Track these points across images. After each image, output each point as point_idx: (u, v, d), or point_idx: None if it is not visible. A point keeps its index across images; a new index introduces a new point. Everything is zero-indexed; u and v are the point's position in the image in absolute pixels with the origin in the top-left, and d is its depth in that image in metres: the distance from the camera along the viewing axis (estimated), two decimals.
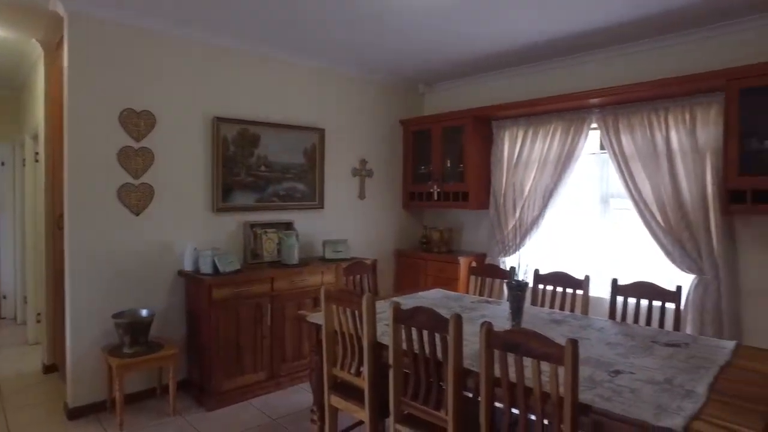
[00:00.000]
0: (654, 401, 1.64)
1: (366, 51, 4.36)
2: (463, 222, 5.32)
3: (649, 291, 2.81)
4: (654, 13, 3.37)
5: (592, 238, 4.33)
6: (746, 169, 3.21)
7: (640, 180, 3.86)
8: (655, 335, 2.44)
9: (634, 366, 1.98)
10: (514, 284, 2.44)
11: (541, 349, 1.62)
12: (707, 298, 3.51)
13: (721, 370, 1.95)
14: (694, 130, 3.61)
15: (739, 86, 3.23)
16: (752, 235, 3.47)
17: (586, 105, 4.11)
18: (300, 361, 3.96)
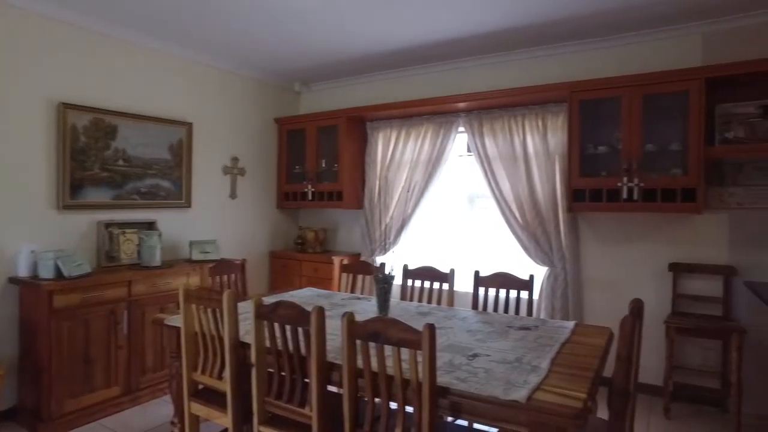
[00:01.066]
0: (505, 378, 1.74)
1: (240, 46, 4.19)
2: (338, 222, 5.32)
3: (507, 281, 3.02)
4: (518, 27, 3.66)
5: (460, 235, 4.58)
6: (585, 171, 3.62)
7: (501, 180, 4.16)
8: (511, 321, 2.62)
9: (490, 349, 2.10)
10: (380, 278, 2.47)
11: (399, 336, 1.64)
12: (557, 287, 3.89)
13: (562, 346, 2.15)
14: (546, 136, 3.98)
15: (579, 98, 3.63)
16: (590, 230, 3.92)
17: (455, 109, 4.34)
18: (163, 371, 3.64)
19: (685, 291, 3.60)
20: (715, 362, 3.51)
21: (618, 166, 3.48)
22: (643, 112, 3.41)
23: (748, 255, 3.42)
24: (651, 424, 3.28)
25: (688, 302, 3.58)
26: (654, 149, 3.44)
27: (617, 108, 3.50)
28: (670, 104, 3.41)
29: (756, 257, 3.40)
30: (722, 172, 3.49)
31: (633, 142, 3.42)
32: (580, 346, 2.17)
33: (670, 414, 3.36)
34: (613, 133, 3.57)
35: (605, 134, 3.64)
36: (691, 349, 3.59)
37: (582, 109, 3.63)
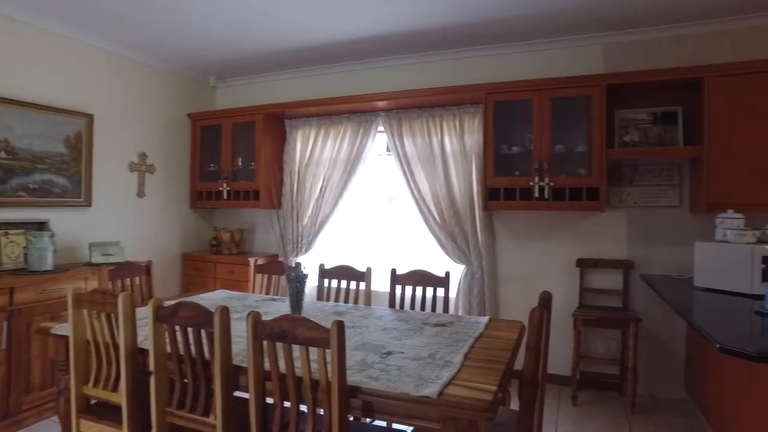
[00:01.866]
0: (417, 375, 1.72)
1: (147, 36, 3.92)
2: (256, 222, 5.13)
3: (424, 279, 3.03)
4: (437, 28, 3.70)
5: (379, 235, 4.57)
6: (500, 171, 3.73)
7: (420, 180, 4.19)
8: (427, 318, 2.62)
9: (404, 346, 2.08)
10: (292, 276, 2.38)
11: (307, 334, 1.56)
12: (474, 284, 3.97)
13: (476, 341, 2.17)
14: (463, 136, 4.06)
15: (494, 99, 3.74)
16: (505, 228, 4.05)
17: (374, 108, 4.33)
18: (53, 388, 3.29)
19: (591, 285, 3.81)
20: (615, 350, 3.74)
21: (530, 166, 3.62)
22: (553, 114, 3.57)
23: (643, 250, 3.69)
24: (560, 411, 3.42)
25: (593, 295, 3.79)
26: (562, 150, 3.61)
27: (529, 110, 3.64)
28: (576, 108, 3.59)
29: (649, 252, 3.67)
30: (621, 173, 3.74)
31: (543, 143, 3.58)
32: (492, 340, 2.21)
33: (578, 401, 3.54)
34: (526, 134, 3.71)
35: (518, 135, 3.78)
36: (595, 339, 3.81)
37: (497, 111, 3.74)
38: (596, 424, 3.23)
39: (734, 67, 3.20)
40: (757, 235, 2.81)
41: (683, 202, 3.61)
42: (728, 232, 2.88)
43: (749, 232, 2.80)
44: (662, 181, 3.64)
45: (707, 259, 2.94)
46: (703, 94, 3.25)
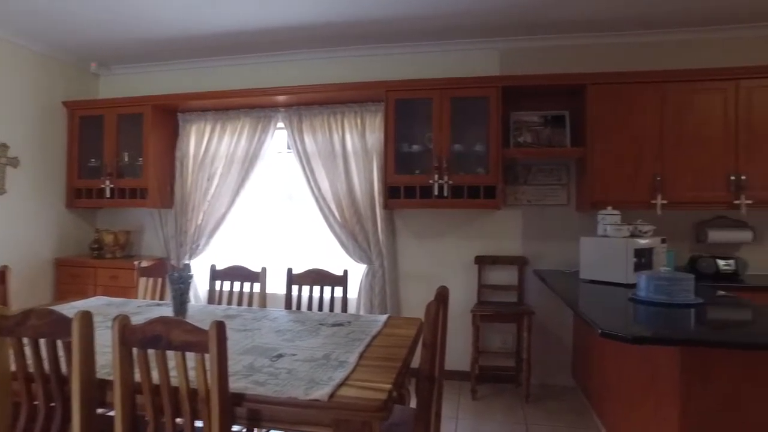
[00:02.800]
0: (308, 377, 1.61)
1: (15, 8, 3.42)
2: (144, 222, 4.72)
3: (321, 278, 2.93)
4: (336, 22, 3.61)
5: (278, 234, 4.39)
6: (400, 169, 3.73)
7: (320, 178, 4.08)
8: (324, 318, 2.52)
9: (297, 348, 1.96)
10: (175, 277, 2.17)
11: (183, 338, 1.40)
12: (375, 283, 3.94)
13: (373, 340, 2.10)
14: (365, 134, 4.02)
15: (395, 97, 3.73)
16: (406, 226, 4.07)
17: (274, 104, 4.15)
18: None
19: (489, 281, 3.92)
20: (511, 344, 3.88)
21: (430, 165, 3.65)
22: (452, 114, 3.63)
23: (536, 246, 3.87)
24: (460, 406, 3.48)
25: (490, 291, 3.91)
26: (461, 149, 3.69)
27: (429, 109, 3.68)
28: (474, 109, 3.69)
29: (542, 248, 3.86)
30: (516, 172, 3.90)
31: (443, 142, 3.63)
32: (390, 338, 2.16)
33: (477, 395, 3.62)
34: (426, 133, 3.75)
35: (419, 134, 3.81)
36: (493, 333, 3.93)
37: (398, 109, 3.74)
38: (494, 416, 3.31)
39: (612, 77, 3.46)
40: (630, 229, 3.05)
41: (570, 201, 3.84)
42: (608, 228, 3.10)
43: (624, 227, 3.03)
44: (552, 180, 3.85)
45: (590, 253, 3.13)
46: (586, 99, 3.48)
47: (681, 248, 3.68)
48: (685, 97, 3.39)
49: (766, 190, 3.29)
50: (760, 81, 3.32)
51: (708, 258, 3.41)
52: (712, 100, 3.37)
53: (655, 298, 2.36)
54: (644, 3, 3.27)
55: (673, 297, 2.32)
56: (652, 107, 3.41)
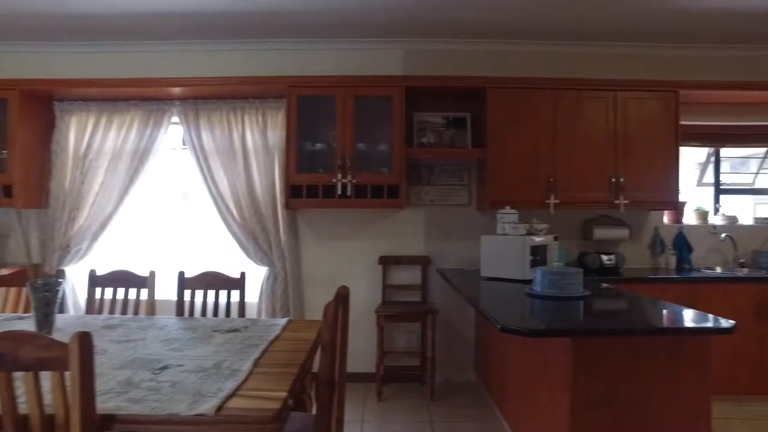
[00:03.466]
0: (195, 390, 1.45)
1: None
2: (10, 225, 4.14)
3: (216, 281, 2.73)
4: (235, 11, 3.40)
5: (173, 237, 4.08)
6: (303, 168, 3.61)
7: (218, 176, 3.85)
8: (219, 324, 2.34)
9: (185, 358, 1.78)
10: (38, 285, 1.88)
11: (36, 355, 1.19)
12: (277, 286, 3.78)
13: (270, 345, 1.98)
14: (266, 131, 3.85)
15: (298, 93, 3.61)
16: (309, 227, 3.95)
17: (168, 96, 3.85)
18: None
19: (393, 281, 3.92)
20: (416, 343, 3.90)
21: (333, 164, 3.57)
22: (356, 112, 3.58)
23: (439, 246, 3.94)
24: (366, 408, 3.42)
25: (395, 291, 3.90)
26: (365, 148, 3.65)
27: (333, 107, 3.60)
28: (378, 108, 3.67)
29: (444, 247, 3.93)
30: (419, 172, 3.94)
31: (347, 140, 3.57)
32: (289, 342, 2.04)
33: (382, 396, 3.59)
34: (330, 131, 3.66)
35: (322, 132, 3.71)
36: (398, 333, 3.93)
37: (300, 106, 3.62)
38: (399, 416, 3.30)
39: (510, 82, 3.62)
40: (526, 228, 3.18)
41: (472, 201, 3.95)
42: (506, 226, 3.21)
43: (521, 226, 3.16)
44: (455, 181, 3.94)
45: (490, 251, 3.23)
46: (486, 102, 3.59)
47: (571, 245, 3.93)
48: (575, 105, 3.62)
49: (638, 191, 3.61)
50: (633, 93, 3.65)
51: (593, 254, 3.67)
52: (597, 108, 3.64)
53: (549, 292, 2.47)
54: (540, 15, 3.45)
55: (565, 291, 2.44)
56: (546, 112, 3.60)
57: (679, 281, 3.44)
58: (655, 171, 3.64)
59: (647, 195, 3.63)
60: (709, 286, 3.44)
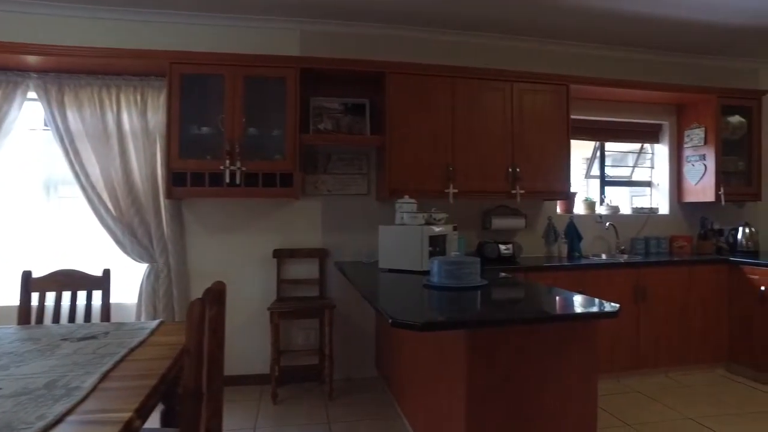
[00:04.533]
0: (5, 421, 1.15)
1: None
2: None
3: (72, 281, 2.35)
4: None
5: (33, 232, 3.52)
6: (187, 153, 3.26)
7: (88, 162, 3.38)
8: (71, 332, 1.99)
9: (11, 377, 1.45)
10: None
11: None
12: (159, 285, 3.40)
13: (130, 353, 1.70)
14: (146, 113, 3.45)
15: (181, 71, 3.25)
16: (196, 219, 3.60)
17: (22, 65, 3.29)
18: None
19: (289, 276, 3.69)
20: (314, 340, 3.71)
21: (222, 149, 3.26)
22: (246, 94, 3.30)
23: (337, 237, 3.77)
24: (260, 413, 3.18)
25: (291, 286, 3.68)
26: (257, 133, 3.39)
27: (221, 87, 3.28)
28: (271, 90, 3.41)
29: (342, 239, 3.77)
30: (316, 160, 3.74)
31: (236, 124, 3.27)
32: (155, 348, 1.77)
33: (278, 399, 3.36)
34: (218, 114, 3.34)
35: (210, 115, 3.38)
36: (295, 331, 3.71)
37: (184, 85, 3.26)
38: (296, 419, 3.09)
39: (409, 67, 3.51)
40: (425, 217, 3.11)
41: (371, 190, 3.82)
42: (404, 216, 3.11)
43: (420, 215, 3.07)
44: (353, 169, 3.78)
45: (388, 241, 3.11)
46: (385, 88, 3.47)
47: (471, 235, 3.94)
48: (473, 94, 3.61)
49: (533, 182, 3.70)
50: (528, 85, 3.71)
51: (492, 243, 3.70)
52: (494, 98, 3.66)
53: (446, 282, 2.39)
54: (435, 4, 3.38)
55: (462, 281, 2.37)
56: (446, 101, 3.56)
57: (570, 268, 3.56)
58: (549, 162, 3.75)
59: (542, 185, 3.73)
60: (595, 272, 3.59)
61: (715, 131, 4.19)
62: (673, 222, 4.54)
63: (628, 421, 3.02)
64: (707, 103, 4.25)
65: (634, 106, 4.42)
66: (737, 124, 4.30)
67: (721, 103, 4.20)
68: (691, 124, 4.39)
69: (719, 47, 4.38)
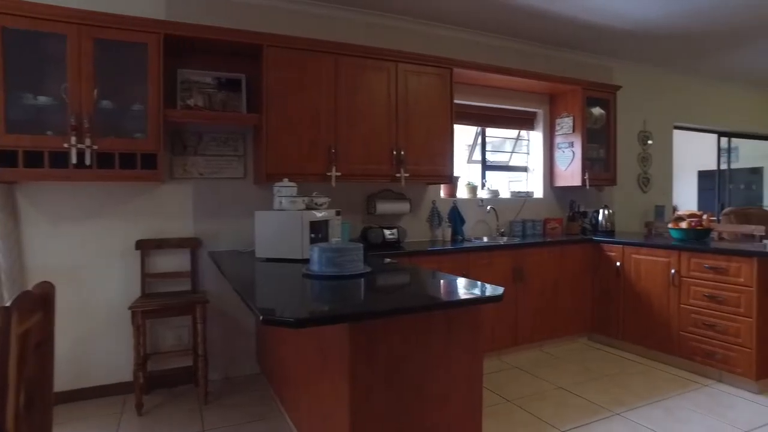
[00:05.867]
0: None
1: None
2: None
3: None
4: None
5: None
6: (17, 127, 2.72)
7: None
8: None
9: None
10: None
11: None
12: None
13: None
14: None
15: (4, 24, 2.68)
16: (36, 207, 3.04)
17: None
18: None
19: (156, 269, 3.28)
20: (188, 339, 3.36)
21: (66, 123, 2.77)
22: (97, 60, 2.82)
23: (211, 225, 3.42)
24: (121, 427, 2.79)
25: (158, 281, 3.28)
26: (112, 107, 2.93)
27: (63, 49, 2.77)
28: (129, 57, 2.97)
29: (218, 227, 3.44)
30: (185, 140, 3.35)
31: (84, 95, 2.79)
32: None
33: (144, 409, 2.97)
34: (61, 82, 2.83)
35: (49, 82, 2.85)
36: (165, 331, 3.33)
37: (10, 42, 2.69)
38: (165, 429, 2.76)
39: (289, 41, 3.26)
40: (306, 202, 2.91)
41: (248, 174, 3.52)
42: (283, 200, 2.89)
43: (300, 200, 2.87)
44: (228, 151, 3.45)
45: (266, 228, 2.87)
46: (263, 62, 3.19)
47: (356, 220, 3.82)
48: (357, 73, 3.46)
49: (417, 165, 3.66)
50: (413, 66, 3.65)
51: (377, 228, 3.61)
52: (379, 78, 3.54)
53: (327, 271, 2.23)
54: None
55: (344, 269, 2.23)
56: (328, 78, 3.36)
57: (454, 252, 3.59)
58: (433, 145, 3.73)
59: (426, 169, 3.70)
60: (478, 254, 3.67)
61: (581, 120, 4.49)
62: (547, 205, 4.82)
63: (509, 397, 3.11)
64: (574, 93, 4.53)
65: (512, 93, 4.58)
66: (598, 115, 4.65)
67: (585, 94, 4.51)
68: (562, 113, 4.66)
69: (585, 44, 4.69)
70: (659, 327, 3.70)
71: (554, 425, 2.74)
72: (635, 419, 2.81)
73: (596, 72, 5.07)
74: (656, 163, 5.64)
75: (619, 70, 5.26)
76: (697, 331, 3.45)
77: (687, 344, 3.52)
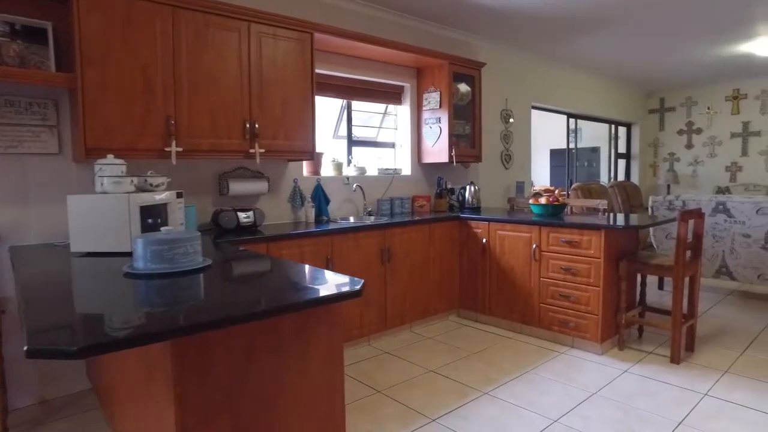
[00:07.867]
0: None
1: None
2: None
3: None
4: None
5: None
6: None
7: None
8: None
9: None
10: None
11: None
12: None
13: None
14: None
15: None
16: None
17: None
18: None
19: None
20: None
21: None
22: None
23: (14, 213, 2.72)
24: None
25: None
26: None
27: None
28: None
29: (23, 215, 2.75)
30: None
31: None
32: None
33: None
34: None
35: None
36: None
37: None
38: None
39: None
40: (136, 182, 2.41)
41: (65, 149, 2.86)
42: (105, 181, 2.35)
43: (126, 180, 2.36)
44: (34, 120, 2.76)
45: (83, 216, 2.32)
46: (74, 8, 2.55)
47: (205, 202, 3.35)
48: (201, 30, 2.95)
49: (274, 139, 3.29)
50: (268, 28, 3.24)
51: (229, 211, 3.18)
52: (228, 39, 3.07)
53: (155, 268, 1.81)
54: None
55: (176, 264, 1.82)
56: (164, 35, 2.82)
57: (318, 234, 3.30)
58: (292, 118, 3.37)
59: (284, 144, 3.34)
60: (343, 236, 3.42)
61: (448, 96, 4.43)
62: (415, 182, 4.73)
63: (378, 387, 2.95)
64: (441, 68, 4.45)
65: (379, 65, 4.36)
66: (465, 92, 4.64)
67: (452, 69, 4.45)
68: (429, 88, 4.56)
69: (452, 19, 4.62)
70: (523, 300, 3.81)
71: (425, 414, 2.63)
72: (502, 396, 2.80)
73: (463, 48, 5.05)
74: (517, 141, 5.87)
75: (484, 49, 5.32)
76: (555, 302, 3.60)
77: (547, 315, 3.66)
